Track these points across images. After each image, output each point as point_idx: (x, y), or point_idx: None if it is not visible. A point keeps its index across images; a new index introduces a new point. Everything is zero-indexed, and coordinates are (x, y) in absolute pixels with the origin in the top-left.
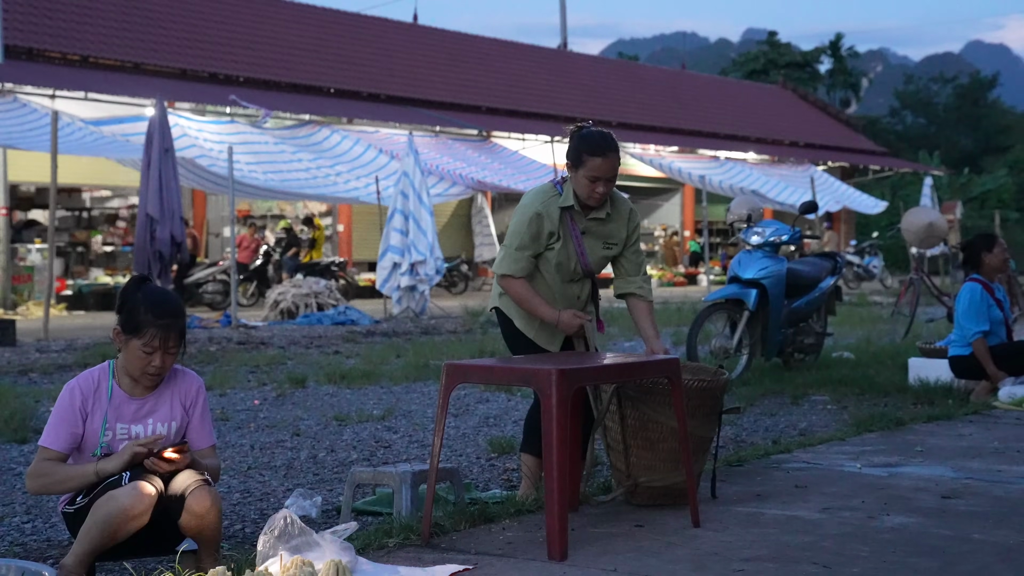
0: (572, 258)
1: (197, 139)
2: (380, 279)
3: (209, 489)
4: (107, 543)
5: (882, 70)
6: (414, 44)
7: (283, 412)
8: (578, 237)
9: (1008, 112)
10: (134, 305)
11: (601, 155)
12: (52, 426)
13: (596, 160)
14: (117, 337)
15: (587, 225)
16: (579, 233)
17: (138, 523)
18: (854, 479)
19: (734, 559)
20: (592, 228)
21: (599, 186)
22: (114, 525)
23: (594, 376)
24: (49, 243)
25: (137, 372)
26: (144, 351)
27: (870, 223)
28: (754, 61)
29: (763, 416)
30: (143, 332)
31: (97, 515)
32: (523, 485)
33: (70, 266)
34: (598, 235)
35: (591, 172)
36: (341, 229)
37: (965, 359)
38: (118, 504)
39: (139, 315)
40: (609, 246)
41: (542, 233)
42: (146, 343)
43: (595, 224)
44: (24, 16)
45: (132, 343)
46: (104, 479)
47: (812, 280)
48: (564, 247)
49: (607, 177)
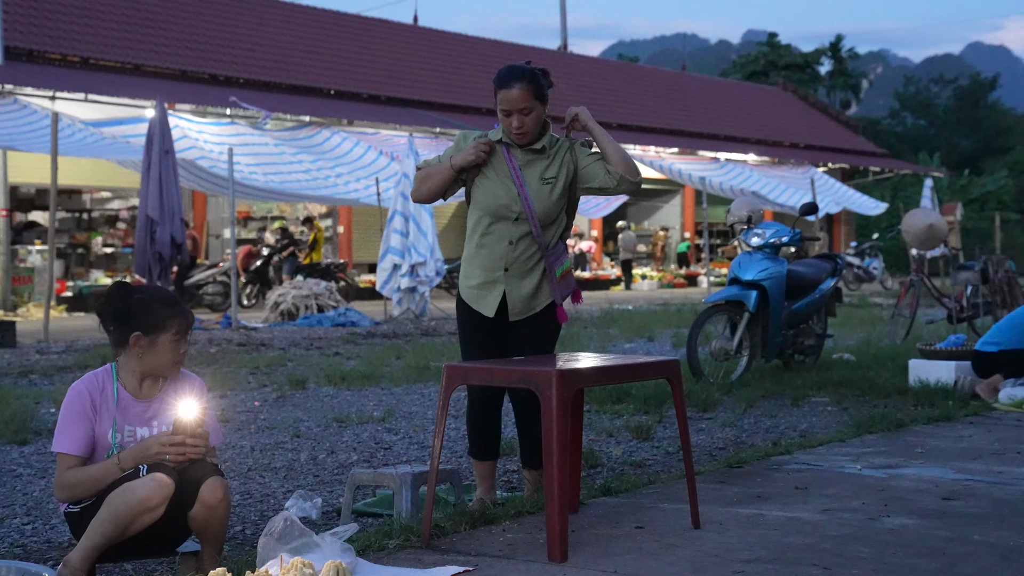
0: (508, 194)
1: (197, 140)
2: (380, 281)
3: (223, 480)
4: (118, 537)
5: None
6: (414, 46)
7: (283, 414)
8: (516, 170)
9: (1008, 113)
10: (142, 306)
11: (506, 86)
12: (66, 431)
13: (501, 92)
14: (138, 342)
15: (523, 159)
16: (517, 166)
17: (153, 516)
18: (854, 480)
19: (734, 560)
20: (530, 162)
21: (513, 119)
22: (129, 517)
23: (594, 377)
24: (49, 244)
25: (169, 365)
26: (174, 341)
27: (870, 224)
28: (754, 62)
29: (763, 418)
30: (168, 326)
31: (112, 507)
32: (478, 491)
33: (70, 268)
34: (537, 169)
35: (501, 105)
36: (341, 231)
37: (990, 356)
38: (135, 495)
39: (156, 312)
40: (547, 181)
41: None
42: (174, 334)
43: (532, 159)
44: (24, 18)
45: (160, 340)
46: (125, 473)
47: (812, 282)
48: (499, 181)
49: (518, 109)
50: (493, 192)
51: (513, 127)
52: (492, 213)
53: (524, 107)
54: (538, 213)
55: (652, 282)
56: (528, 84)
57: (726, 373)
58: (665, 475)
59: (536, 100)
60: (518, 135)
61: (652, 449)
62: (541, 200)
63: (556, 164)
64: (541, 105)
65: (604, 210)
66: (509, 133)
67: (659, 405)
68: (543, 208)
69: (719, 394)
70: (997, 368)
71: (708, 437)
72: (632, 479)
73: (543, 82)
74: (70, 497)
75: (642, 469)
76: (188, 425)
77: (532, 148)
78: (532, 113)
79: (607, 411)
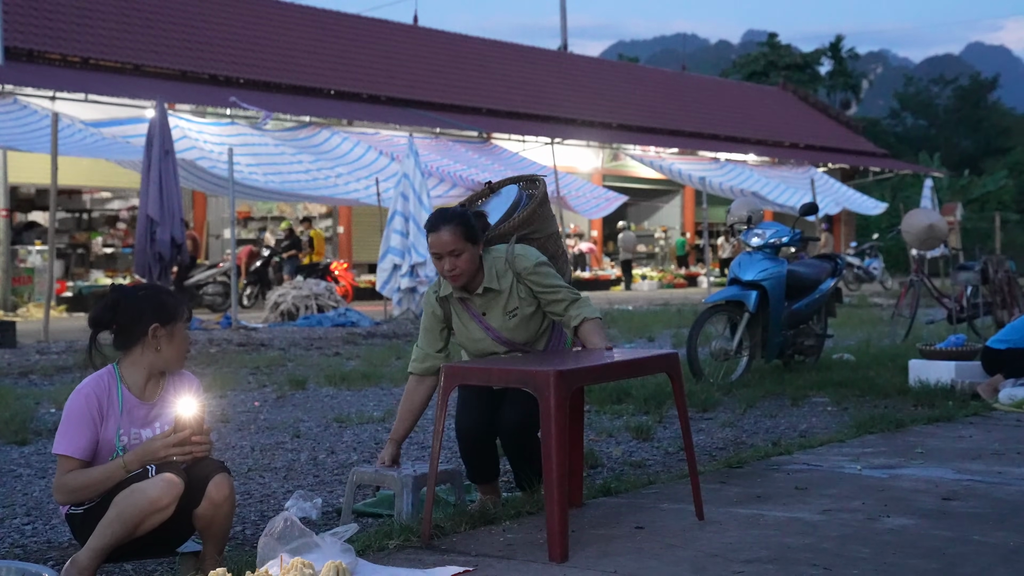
0: (484, 339)
1: (197, 141)
2: (380, 281)
3: (229, 478)
4: (127, 538)
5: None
6: (414, 46)
7: (283, 414)
8: (479, 318)
9: (1008, 114)
10: (153, 300)
11: (435, 230)
12: (69, 434)
13: (431, 237)
14: (156, 333)
15: (481, 304)
16: (479, 314)
17: (163, 516)
18: (854, 481)
19: (734, 560)
20: (488, 304)
21: (444, 263)
22: (139, 518)
23: (593, 376)
24: (49, 245)
25: (182, 356)
26: (187, 330)
27: (870, 225)
28: (754, 63)
29: (763, 418)
30: (181, 313)
31: (120, 507)
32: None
33: (70, 268)
34: (498, 309)
35: (431, 249)
36: (341, 231)
37: (997, 353)
38: (146, 496)
39: (167, 303)
40: (511, 313)
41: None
42: (185, 322)
43: (488, 300)
44: (24, 18)
45: (177, 329)
46: (131, 475)
47: (812, 282)
48: (473, 330)
49: (447, 251)
50: (472, 339)
51: (445, 269)
52: (480, 355)
53: (453, 249)
54: (522, 341)
55: (652, 282)
56: (456, 226)
57: (726, 373)
58: (665, 475)
59: (466, 241)
60: (451, 277)
61: (652, 449)
62: (519, 331)
63: (514, 293)
64: (472, 246)
65: (604, 210)
66: (443, 277)
67: (659, 405)
68: (525, 336)
69: (719, 394)
70: (1003, 365)
71: (708, 437)
72: (632, 479)
73: (473, 223)
74: (71, 500)
75: (642, 469)
76: (190, 423)
77: (481, 293)
78: (463, 255)
79: (607, 411)
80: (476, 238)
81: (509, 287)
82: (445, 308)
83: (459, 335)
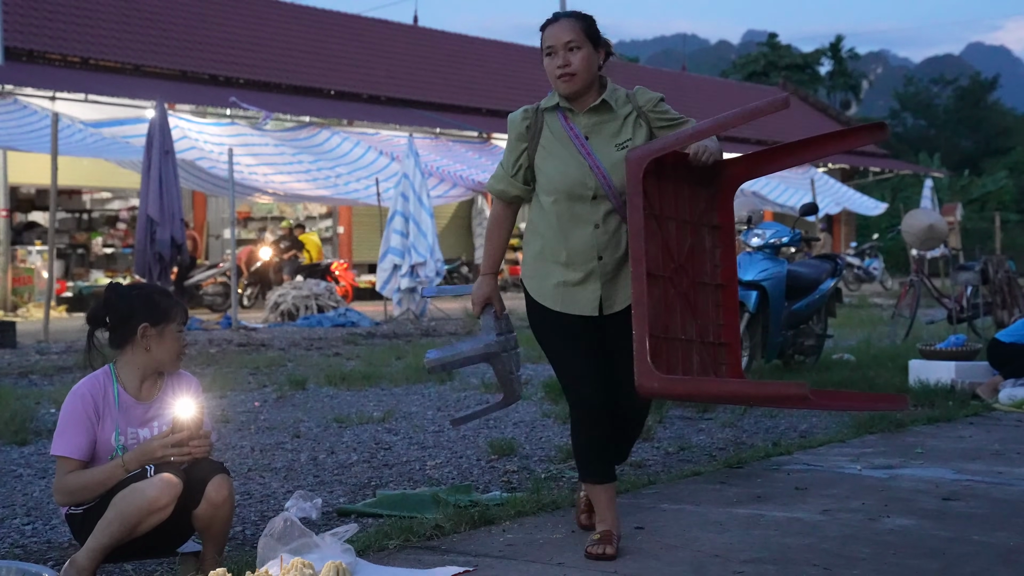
0: (582, 167)
1: (197, 141)
2: (380, 281)
3: (229, 478)
4: (126, 538)
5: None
6: (414, 46)
7: (283, 414)
8: (581, 141)
9: (1008, 114)
10: (145, 299)
11: (552, 22)
12: (66, 435)
13: (546, 32)
14: (146, 333)
15: (587, 124)
16: (580, 134)
17: (162, 516)
18: (854, 481)
19: (734, 561)
20: (595, 128)
21: (556, 58)
22: (138, 517)
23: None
24: (49, 245)
25: (175, 358)
26: (178, 331)
27: (870, 225)
28: (754, 63)
29: (763, 418)
30: (173, 315)
31: (119, 508)
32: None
33: (70, 268)
34: (605, 134)
35: (545, 43)
36: (341, 231)
37: (1004, 347)
38: (144, 496)
39: (159, 303)
40: (622, 145)
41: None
42: (179, 323)
43: (596, 122)
44: (24, 18)
45: (167, 330)
46: (130, 475)
47: (812, 282)
48: (565, 157)
49: (563, 43)
50: (561, 169)
51: (557, 66)
52: (565, 193)
53: (570, 41)
54: (618, 188)
55: None
56: (577, 20)
57: None
58: (665, 475)
59: (586, 37)
60: (563, 77)
61: (652, 449)
62: (619, 172)
63: (629, 124)
64: (593, 48)
65: None
66: (556, 80)
67: (659, 405)
68: (620, 181)
69: None
70: (1008, 360)
71: (708, 437)
72: (632, 479)
73: (596, 25)
74: (71, 501)
75: (642, 469)
76: (188, 424)
77: (593, 108)
78: (580, 51)
79: None
80: (597, 39)
81: (625, 116)
82: (538, 124)
83: (543, 167)
